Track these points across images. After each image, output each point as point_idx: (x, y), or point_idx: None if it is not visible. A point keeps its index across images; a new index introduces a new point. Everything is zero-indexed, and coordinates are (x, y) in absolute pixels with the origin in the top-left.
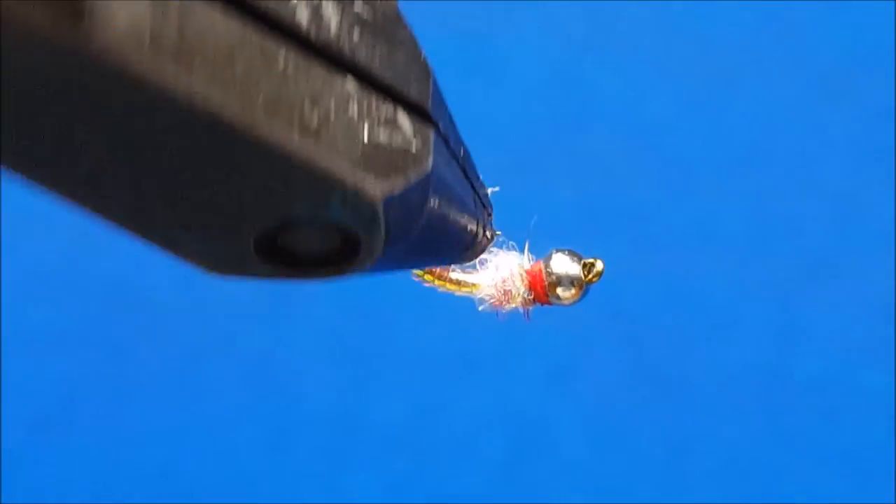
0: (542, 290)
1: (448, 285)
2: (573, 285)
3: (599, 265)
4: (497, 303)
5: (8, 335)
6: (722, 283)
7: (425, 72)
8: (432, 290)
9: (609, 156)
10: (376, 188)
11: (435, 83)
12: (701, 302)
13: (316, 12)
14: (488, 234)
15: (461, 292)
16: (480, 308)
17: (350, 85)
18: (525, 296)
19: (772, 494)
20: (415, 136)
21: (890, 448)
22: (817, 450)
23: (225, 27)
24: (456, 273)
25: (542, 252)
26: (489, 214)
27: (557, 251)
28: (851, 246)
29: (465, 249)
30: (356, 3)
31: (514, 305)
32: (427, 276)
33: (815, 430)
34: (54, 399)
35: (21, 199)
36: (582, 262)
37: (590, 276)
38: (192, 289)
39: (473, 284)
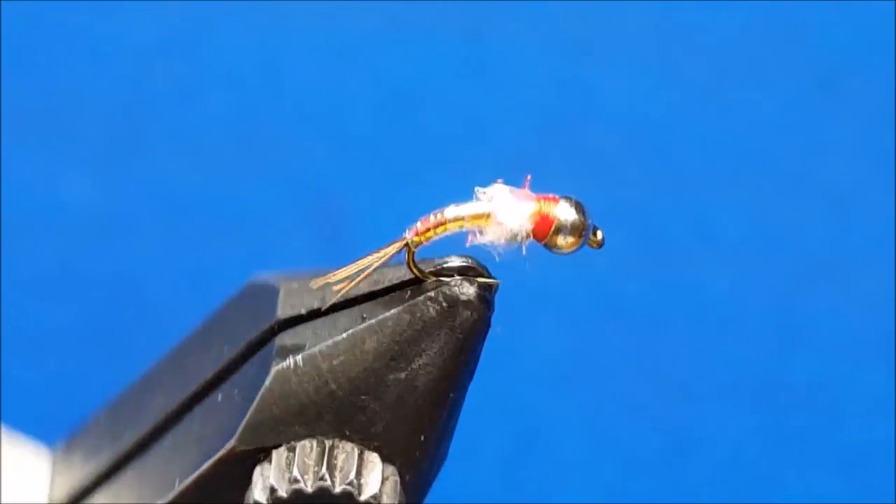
0: (546, 227)
1: (449, 227)
2: (572, 234)
3: (600, 234)
4: (498, 236)
5: (8, 335)
6: (722, 282)
7: None
8: None
9: (608, 156)
10: None
11: None
12: (701, 302)
13: None
14: None
15: (462, 228)
16: (477, 241)
17: None
18: (526, 230)
19: (772, 494)
20: None
21: (890, 448)
22: (817, 450)
23: None
24: (460, 207)
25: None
26: None
27: (562, 198)
28: (851, 246)
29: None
30: None
31: (512, 239)
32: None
33: (814, 430)
34: (54, 399)
35: (21, 198)
36: (585, 213)
37: (591, 239)
38: (192, 289)
39: (482, 215)
